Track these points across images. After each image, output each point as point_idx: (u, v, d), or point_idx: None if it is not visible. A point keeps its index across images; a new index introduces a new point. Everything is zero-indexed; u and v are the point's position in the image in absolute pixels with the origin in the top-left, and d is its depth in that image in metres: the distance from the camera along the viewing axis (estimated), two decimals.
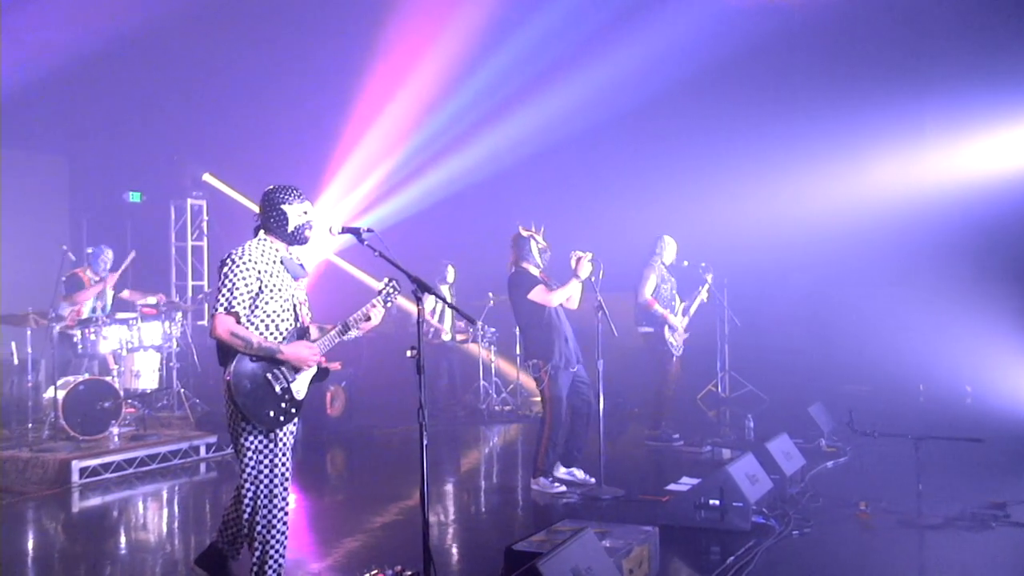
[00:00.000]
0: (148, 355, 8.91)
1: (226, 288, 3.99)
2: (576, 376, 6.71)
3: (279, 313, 4.13)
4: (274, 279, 4.11)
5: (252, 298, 4.04)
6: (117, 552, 5.60)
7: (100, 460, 7.38)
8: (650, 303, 8.30)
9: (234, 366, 4.00)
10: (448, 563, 5.07)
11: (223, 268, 4.05)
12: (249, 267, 4.04)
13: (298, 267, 4.29)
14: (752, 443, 7.79)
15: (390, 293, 4.35)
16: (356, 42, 11.12)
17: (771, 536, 5.21)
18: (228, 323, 3.97)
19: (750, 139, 11.01)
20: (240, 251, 4.08)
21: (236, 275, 4.00)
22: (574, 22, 10.53)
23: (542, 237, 6.83)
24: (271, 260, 4.14)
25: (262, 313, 4.08)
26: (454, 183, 11.89)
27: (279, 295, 4.12)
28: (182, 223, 12.21)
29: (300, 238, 4.25)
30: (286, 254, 4.25)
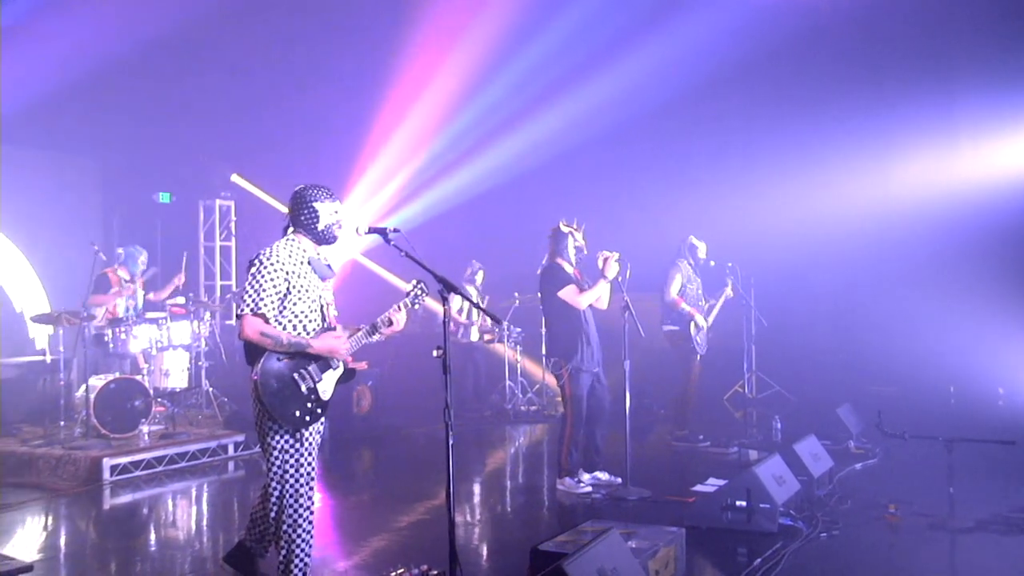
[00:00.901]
0: (177, 354, 9.02)
1: (253, 290, 4.01)
2: (595, 377, 6.70)
3: (307, 314, 4.15)
4: (302, 280, 4.13)
5: (280, 299, 4.06)
6: (147, 549, 5.67)
7: (131, 458, 7.48)
8: (676, 302, 8.29)
9: (261, 365, 4.03)
10: (474, 562, 5.08)
11: (251, 269, 4.07)
12: (277, 268, 4.05)
13: (325, 267, 4.31)
14: (779, 444, 7.75)
15: (418, 295, 4.36)
16: (382, 43, 11.17)
17: (798, 538, 5.17)
18: (256, 323, 3.99)
19: (777, 138, 10.93)
20: (268, 252, 4.10)
21: (264, 276, 4.02)
22: (599, 21, 10.50)
23: (582, 235, 6.82)
24: (299, 261, 4.16)
25: (290, 314, 4.10)
26: (480, 183, 11.91)
27: (307, 296, 4.14)
28: (211, 223, 12.33)
29: (329, 237, 4.27)
30: (314, 254, 4.26)
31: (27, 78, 9.29)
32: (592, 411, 6.70)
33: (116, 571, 5.17)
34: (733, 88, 11.17)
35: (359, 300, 9.87)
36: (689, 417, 8.57)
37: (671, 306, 8.33)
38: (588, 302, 6.63)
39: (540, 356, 11.02)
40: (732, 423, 9.68)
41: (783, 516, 5.32)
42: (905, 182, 10.44)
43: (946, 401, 9.71)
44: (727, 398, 10.74)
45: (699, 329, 8.36)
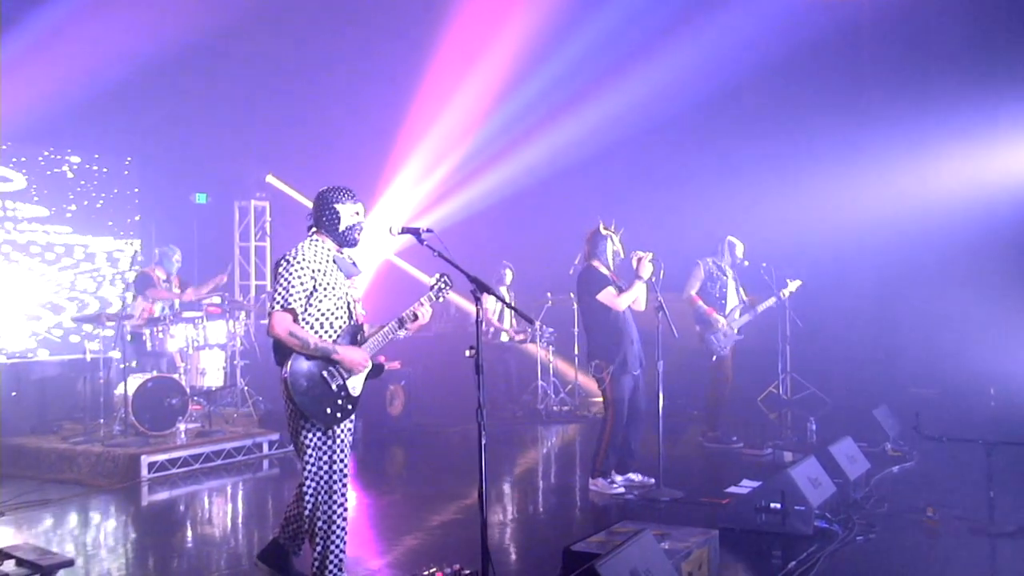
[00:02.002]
0: (213, 353, 9.13)
1: (282, 287, 4.09)
2: (639, 377, 6.67)
3: (333, 311, 4.21)
4: (327, 278, 4.20)
5: (307, 296, 4.13)
6: (184, 545, 5.74)
7: (168, 455, 7.58)
8: (693, 299, 8.30)
9: (290, 365, 4.09)
10: (506, 562, 5.08)
11: (278, 268, 4.16)
12: (304, 266, 4.12)
13: (350, 266, 4.37)
14: (814, 446, 7.66)
15: (441, 288, 4.42)
16: (416, 44, 11.22)
17: (834, 541, 5.11)
18: (286, 321, 4.06)
19: (814, 137, 10.81)
20: (295, 252, 4.18)
21: (291, 274, 4.09)
22: (636, 19, 10.45)
23: (619, 239, 6.79)
24: (324, 259, 4.23)
25: (316, 311, 4.16)
26: (513, 184, 11.91)
27: (332, 293, 4.21)
28: (246, 224, 12.46)
29: (350, 239, 4.33)
30: (338, 253, 4.33)
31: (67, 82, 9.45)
32: (630, 413, 6.68)
33: (154, 567, 5.24)
34: (769, 87, 11.06)
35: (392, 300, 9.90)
36: (720, 417, 8.52)
37: (687, 303, 8.33)
38: (627, 303, 6.60)
39: (573, 356, 11.01)
40: (766, 424, 9.60)
41: (818, 519, 5.27)
42: (944, 180, 10.26)
43: (986, 403, 9.53)
44: (761, 399, 10.64)
45: (716, 329, 8.31)
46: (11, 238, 10.24)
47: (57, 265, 10.72)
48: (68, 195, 10.92)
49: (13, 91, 9.27)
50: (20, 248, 10.34)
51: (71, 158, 10.99)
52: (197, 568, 5.17)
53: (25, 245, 10.38)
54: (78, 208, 11.00)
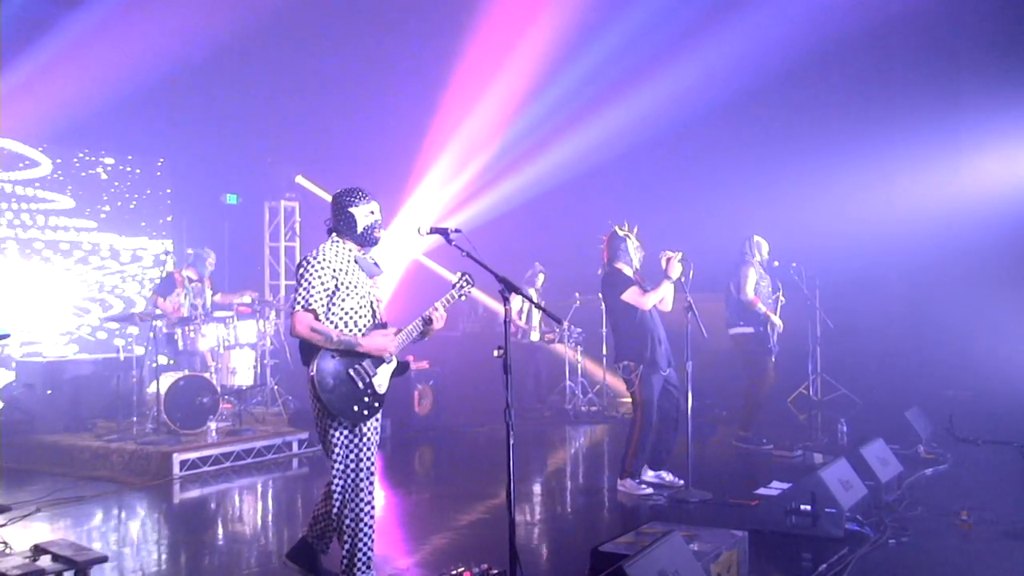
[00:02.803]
0: (244, 352, 9.21)
1: (303, 288, 4.14)
2: (667, 379, 6.64)
3: (356, 310, 4.26)
4: (349, 277, 4.24)
5: (329, 296, 4.17)
6: (215, 542, 5.80)
7: (199, 453, 7.66)
8: (753, 301, 8.16)
9: (316, 364, 4.12)
10: (534, 562, 5.08)
11: (299, 270, 4.21)
12: (324, 266, 4.17)
13: (372, 265, 4.42)
14: (845, 448, 7.60)
15: (463, 286, 4.43)
16: (444, 45, 11.24)
17: (865, 544, 5.06)
18: (307, 319, 4.11)
19: (844, 136, 10.71)
20: (315, 252, 4.24)
21: (312, 275, 4.14)
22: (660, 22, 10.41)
23: (636, 237, 6.78)
24: (345, 260, 4.27)
25: (339, 311, 4.21)
26: (541, 184, 11.91)
27: (355, 292, 4.25)
28: (275, 224, 12.55)
29: (370, 239, 4.37)
30: (359, 253, 4.37)
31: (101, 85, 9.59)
32: (665, 413, 6.64)
33: (185, 563, 5.30)
34: (798, 85, 10.97)
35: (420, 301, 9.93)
36: (754, 420, 8.45)
37: (748, 306, 8.18)
38: (653, 303, 6.57)
39: (601, 356, 10.98)
40: (796, 426, 9.52)
41: (849, 521, 5.21)
42: (976, 179, 10.13)
43: (1020, 405, 9.39)
44: (791, 400, 10.56)
45: (774, 328, 8.23)
46: (47, 238, 10.41)
47: (91, 265, 10.88)
48: (102, 196, 11.09)
49: (48, 94, 9.42)
50: (55, 248, 10.50)
51: (105, 159, 11.15)
52: (228, 565, 5.22)
53: (59, 244, 10.54)
54: (112, 209, 11.17)
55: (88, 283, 10.83)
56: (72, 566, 4.52)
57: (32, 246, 10.29)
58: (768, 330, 8.19)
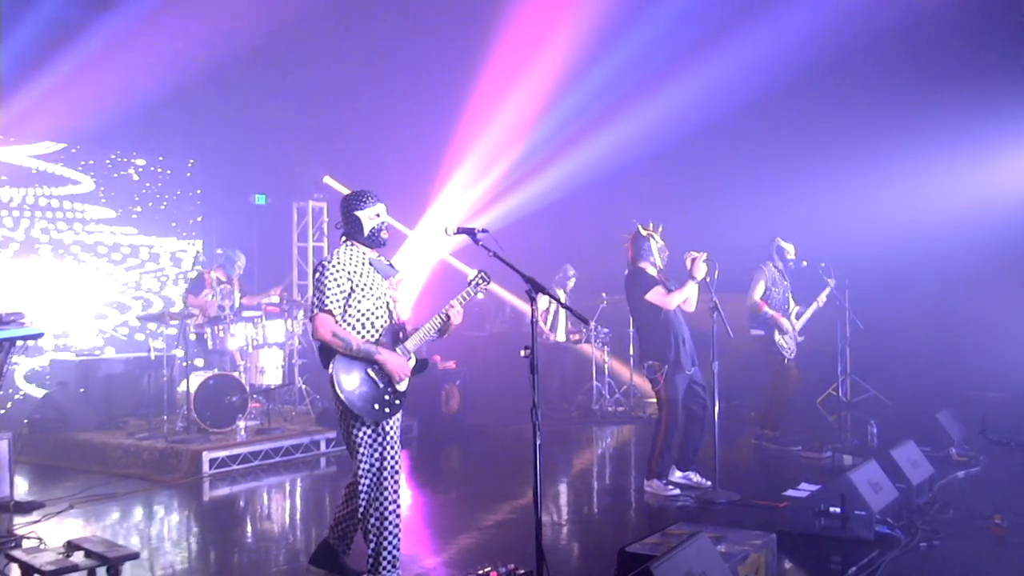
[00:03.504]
0: (272, 352, 9.29)
1: (319, 291, 4.22)
2: (692, 378, 6.61)
3: (372, 311, 4.31)
4: (364, 279, 4.30)
5: (345, 298, 4.24)
6: (244, 540, 5.85)
7: (228, 452, 7.74)
8: (759, 305, 8.18)
9: (336, 365, 4.20)
10: (561, 562, 5.08)
11: (316, 274, 4.30)
12: (339, 269, 4.24)
13: (387, 267, 4.48)
14: (875, 450, 7.52)
15: (479, 284, 4.46)
16: (471, 44, 11.26)
17: (896, 547, 5.00)
18: (328, 322, 4.18)
19: (872, 134, 10.59)
20: (330, 257, 4.32)
21: (328, 278, 4.22)
22: (688, 20, 10.36)
23: (660, 236, 6.75)
24: (360, 262, 4.33)
25: (356, 312, 4.27)
26: (568, 184, 11.89)
27: (371, 294, 4.31)
28: (304, 224, 12.63)
29: (377, 240, 4.42)
30: (374, 255, 4.43)
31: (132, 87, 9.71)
32: (692, 412, 6.62)
33: (215, 561, 5.36)
34: (826, 84, 10.87)
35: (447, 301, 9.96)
36: (778, 420, 8.40)
37: (753, 310, 8.22)
38: (677, 303, 6.55)
39: (628, 357, 10.95)
40: (826, 427, 9.44)
41: (880, 524, 5.16)
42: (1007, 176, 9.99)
43: None
44: (820, 401, 10.48)
45: (784, 332, 8.19)
46: (80, 239, 10.55)
47: (123, 265, 11.02)
48: (134, 197, 11.23)
49: (81, 96, 9.55)
50: (88, 248, 10.65)
51: (136, 161, 11.29)
52: (257, 563, 5.27)
53: (93, 246, 10.70)
54: (143, 209, 11.30)
55: (120, 283, 10.97)
56: (104, 562, 4.58)
57: (65, 246, 10.43)
58: (775, 334, 8.16)
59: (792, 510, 5.50)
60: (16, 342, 5.26)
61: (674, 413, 6.53)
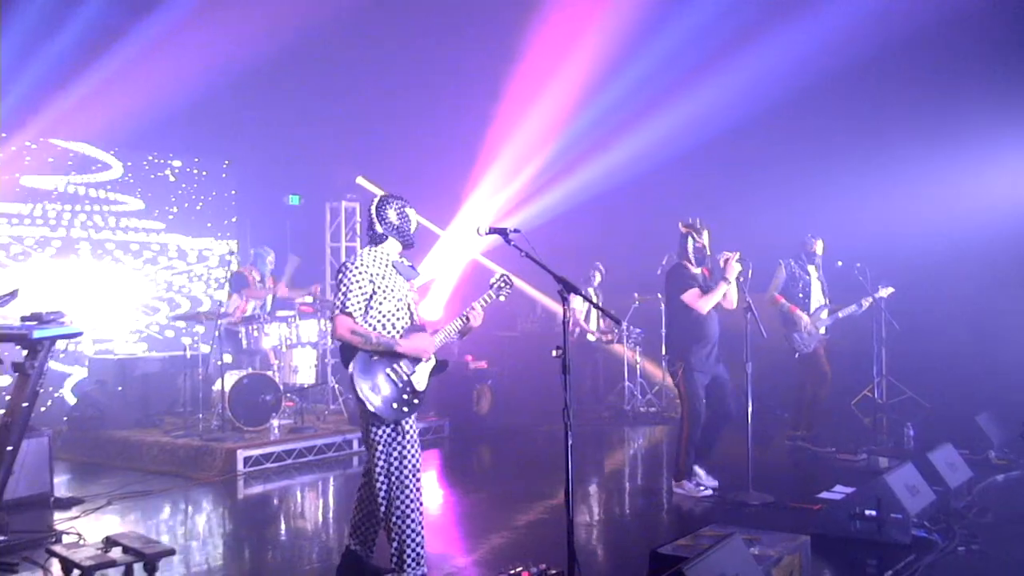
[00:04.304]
0: (305, 351, 9.36)
1: (341, 292, 4.28)
2: (716, 377, 6.56)
3: (393, 312, 4.36)
4: (386, 281, 4.35)
5: (366, 300, 4.29)
6: (278, 538, 5.91)
7: (262, 450, 7.81)
8: (775, 298, 8.22)
9: (355, 364, 4.25)
10: (592, 563, 5.06)
11: (338, 275, 4.36)
12: (362, 271, 4.30)
13: (409, 269, 4.52)
14: (912, 452, 7.42)
15: (501, 287, 4.53)
16: (502, 44, 11.27)
17: (933, 551, 4.93)
18: (347, 322, 4.24)
19: (910, 132, 10.42)
20: (353, 258, 4.37)
21: (350, 280, 4.27)
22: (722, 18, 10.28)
23: (705, 235, 6.67)
24: (383, 264, 4.39)
25: (377, 313, 4.32)
26: (600, 183, 11.85)
27: (392, 296, 4.36)
28: (336, 224, 12.72)
29: (405, 241, 4.49)
30: (396, 258, 4.48)
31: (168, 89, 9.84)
32: (715, 411, 6.58)
33: (249, 558, 5.41)
34: (863, 81, 10.73)
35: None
36: (811, 421, 8.31)
37: (768, 302, 8.23)
38: (709, 307, 6.51)
39: (660, 357, 10.89)
40: (861, 429, 9.33)
41: (916, 527, 5.09)
42: None
43: None
44: (855, 403, 10.34)
45: (796, 325, 8.13)
46: (118, 239, 10.72)
47: (160, 265, 11.17)
48: (170, 198, 11.38)
49: (119, 99, 9.70)
50: (126, 249, 10.81)
51: (173, 162, 11.44)
52: (290, 561, 5.31)
53: (127, 243, 10.85)
54: (179, 210, 11.45)
55: (157, 282, 11.12)
56: (141, 558, 4.64)
57: (104, 247, 10.60)
58: (790, 330, 8.10)
59: (827, 513, 5.44)
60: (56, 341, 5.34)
61: (694, 409, 6.51)
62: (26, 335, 5.18)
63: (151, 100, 9.84)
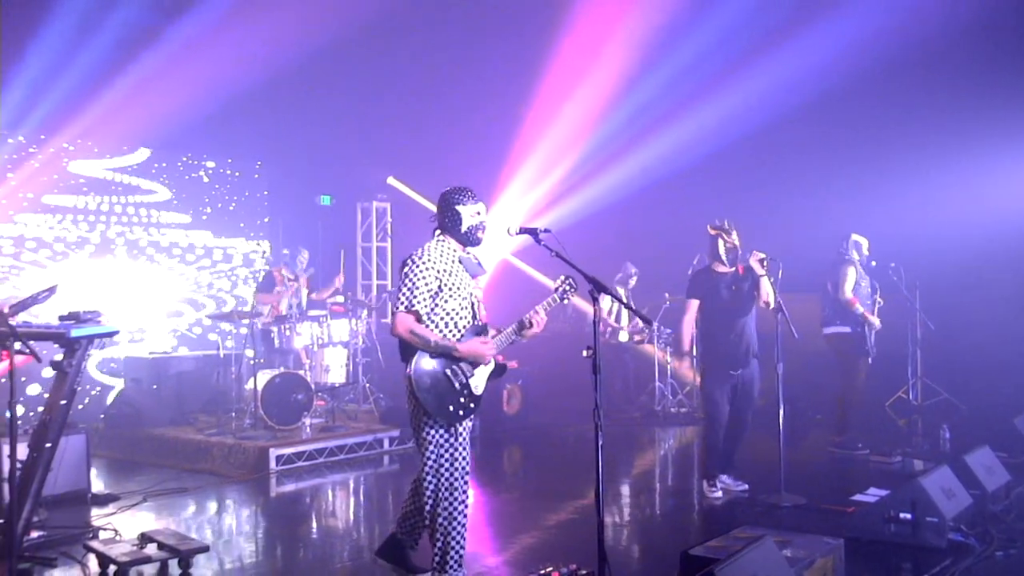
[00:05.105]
0: (337, 351, 9.43)
1: (407, 288, 4.16)
2: (740, 379, 6.50)
3: (458, 311, 4.27)
4: (453, 278, 4.25)
5: (432, 297, 4.19)
6: (309, 536, 5.95)
7: (294, 449, 7.88)
8: (852, 301, 7.93)
9: (415, 363, 4.16)
10: (622, 564, 5.04)
11: (404, 268, 4.23)
12: (429, 267, 4.19)
13: (476, 265, 4.42)
14: (948, 455, 7.31)
15: (566, 291, 4.41)
16: (533, 44, 11.27)
17: (970, 556, 4.85)
18: (408, 321, 4.14)
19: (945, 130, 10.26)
20: (420, 252, 4.24)
21: (417, 275, 4.16)
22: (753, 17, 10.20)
23: (731, 235, 6.62)
24: (450, 260, 4.28)
25: (441, 311, 4.22)
26: (631, 183, 11.81)
27: (458, 293, 4.26)
28: (368, 224, 12.81)
29: (473, 239, 4.37)
30: (463, 253, 4.37)
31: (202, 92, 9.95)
32: (734, 414, 6.52)
33: (281, 555, 5.46)
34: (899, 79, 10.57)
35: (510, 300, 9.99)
36: (849, 424, 8.21)
37: (846, 305, 7.95)
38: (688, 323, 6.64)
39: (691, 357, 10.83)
40: (895, 431, 9.22)
41: (953, 531, 5.01)
42: None
43: None
44: (889, 404, 10.22)
45: (872, 329, 7.99)
46: (154, 239, 10.86)
47: (194, 265, 11.31)
48: (204, 198, 11.51)
49: (154, 102, 9.83)
50: (161, 249, 10.95)
51: (207, 163, 11.58)
52: (322, 559, 5.35)
53: (167, 247, 11.00)
54: (213, 211, 11.58)
55: (191, 282, 11.26)
56: (176, 554, 4.71)
57: (139, 247, 10.74)
58: (866, 331, 7.95)
59: (860, 515, 5.38)
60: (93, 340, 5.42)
61: (713, 412, 6.49)
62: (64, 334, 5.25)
63: (185, 101, 9.95)
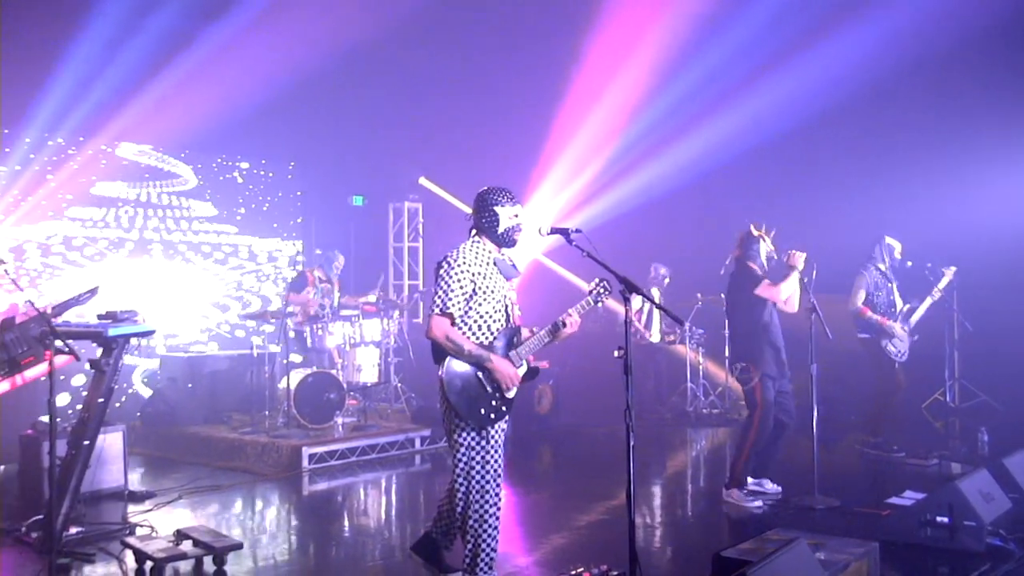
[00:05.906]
0: (369, 350, 9.49)
1: (442, 290, 4.14)
2: (780, 388, 6.45)
3: (491, 314, 4.24)
4: (487, 281, 4.22)
5: (466, 299, 4.17)
6: (341, 534, 6.00)
7: (326, 448, 7.94)
8: (861, 311, 7.86)
9: (447, 365, 4.15)
10: (654, 565, 5.03)
11: (439, 270, 4.21)
12: (464, 269, 4.16)
13: (510, 267, 4.38)
14: (986, 458, 7.20)
15: (600, 294, 4.34)
16: (564, 44, 11.25)
17: (1009, 561, 4.77)
18: (443, 325, 4.12)
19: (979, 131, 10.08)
20: (455, 254, 4.21)
21: (452, 278, 4.13)
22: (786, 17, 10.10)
23: (771, 240, 6.60)
24: (484, 262, 4.24)
25: (475, 314, 4.20)
26: (662, 183, 11.75)
27: (492, 296, 4.23)
28: (399, 225, 12.88)
29: (509, 240, 4.34)
30: (498, 255, 4.34)
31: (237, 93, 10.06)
32: (778, 421, 6.46)
33: (314, 553, 5.50)
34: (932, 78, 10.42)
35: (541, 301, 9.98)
36: (884, 426, 8.11)
37: (856, 315, 7.93)
38: (787, 294, 6.38)
39: (723, 358, 10.77)
40: (932, 433, 9.09)
41: (991, 536, 4.93)
42: None
43: None
44: (926, 406, 10.08)
45: (892, 336, 7.87)
46: (188, 239, 11.00)
47: (228, 265, 11.44)
48: (238, 199, 11.64)
49: (190, 103, 9.95)
50: (195, 249, 11.09)
51: (241, 164, 11.70)
52: (353, 557, 5.39)
53: (199, 246, 11.14)
54: (247, 211, 11.71)
55: (225, 282, 11.39)
56: (210, 551, 4.77)
57: (175, 247, 10.89)
58: (883, 340, 7.84)
59: (896, 518, 5.32)
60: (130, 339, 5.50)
61: (766, 417, 6.38)
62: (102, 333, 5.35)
63: (220, 103, 10.07)
